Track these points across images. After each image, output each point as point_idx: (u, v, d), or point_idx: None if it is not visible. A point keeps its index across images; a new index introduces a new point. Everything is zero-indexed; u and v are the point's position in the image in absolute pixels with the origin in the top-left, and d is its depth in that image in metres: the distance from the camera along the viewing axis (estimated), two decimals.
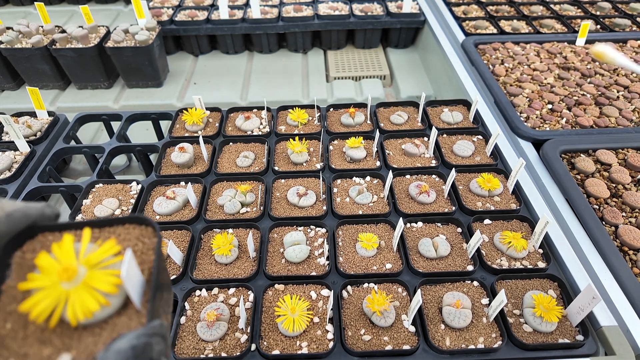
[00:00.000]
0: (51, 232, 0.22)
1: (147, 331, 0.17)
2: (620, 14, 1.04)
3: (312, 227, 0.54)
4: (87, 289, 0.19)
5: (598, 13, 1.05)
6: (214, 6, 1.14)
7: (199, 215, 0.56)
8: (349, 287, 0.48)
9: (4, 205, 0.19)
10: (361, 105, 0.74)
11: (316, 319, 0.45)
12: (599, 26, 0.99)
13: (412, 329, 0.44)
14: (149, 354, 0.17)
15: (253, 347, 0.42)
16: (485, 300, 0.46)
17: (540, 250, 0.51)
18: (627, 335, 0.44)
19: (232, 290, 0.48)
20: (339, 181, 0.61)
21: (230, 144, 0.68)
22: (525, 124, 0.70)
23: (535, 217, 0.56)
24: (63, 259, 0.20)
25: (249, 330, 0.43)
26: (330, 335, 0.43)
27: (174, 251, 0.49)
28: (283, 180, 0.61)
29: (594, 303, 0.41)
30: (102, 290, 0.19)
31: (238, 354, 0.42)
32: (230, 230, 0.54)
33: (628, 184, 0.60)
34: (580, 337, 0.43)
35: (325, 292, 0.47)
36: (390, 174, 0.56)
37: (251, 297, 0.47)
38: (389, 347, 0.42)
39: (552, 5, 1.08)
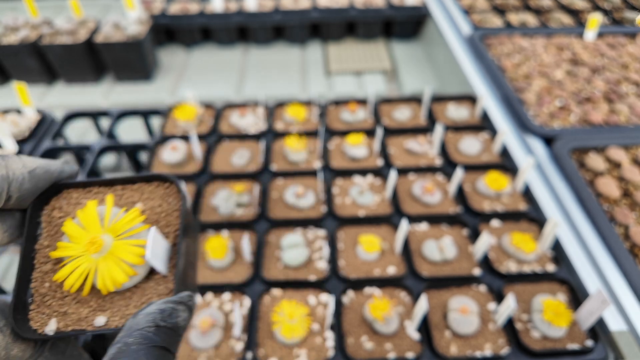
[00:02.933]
0: (75, 189, 0.22)
1: (175, 299, 0.19)
2: (630, 7, 1.02)
3: (311, 228, 0.52)
4: (115, 260, 0.20)
5: (607, 6, 1.02)
6: None
7: None
8: (349, 292, 0.46)
9: (25, 161, 0.20)
10: (362, 101, 0.71)
11: (315, 326, 0.43)
12: (607, 19, 0.96)
13: (417, 336, 0.42)
14: (175, 319, 0.18)
15: (249, 355, 0.41)
16: (492, 305, 0.44)
17: (549, 253, 0.50)
18: (637, 341, 0.42)
19: (227, 296, 0.46)
20: (339, 181, 0.59)
21: (225, 142, 0.66)
22: (534, 120, 0.68)
23: (545, 218, 0.54)
24: (89, 228, 0.20)
25: (245, 338, 0.41)
26: (330, 343, 0.42)
27: None
28: (280, 180, 0.59)
29: (604, 307, 0.39)
30: (128, 262, 0.20)
31: None
32: (225, 233, 0.52)
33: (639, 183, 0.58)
34: (589, 343, 0.42)
35: (324, 297, 0.45)
36: (393, 173, 0.54)
37: (247, 303, 0.45)
38: (392, 355, 0.40)
39: None
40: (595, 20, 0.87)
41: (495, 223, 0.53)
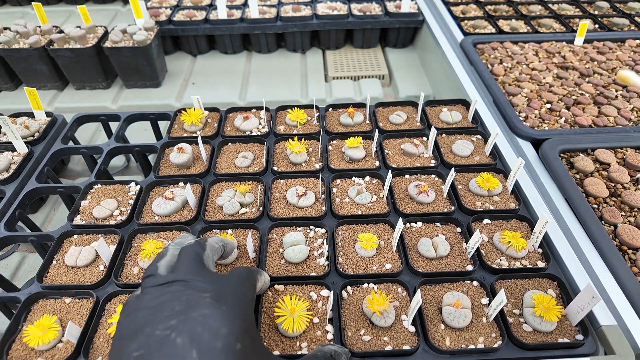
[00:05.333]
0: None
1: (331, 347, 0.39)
2: (619, 13, 1.05)
3: (311, 227, 0.54)
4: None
5: (596, 12, 1.05)
6: (212, 6, 1.13)
7: (197, 216, 0.56)
8: (348, 288, 0.48)
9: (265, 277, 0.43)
10: (360, 105, 0.74)
11: (316, 320, 0.45)
12: (597, 25, 0.99)
13: (412, 329, 0.44)
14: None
15: None
16: (485, 300, 0.46)
17: (540, 250, 0.51)
18: (626, 335, 0.44)
19: None
20: (338, 181, 0.61)
21: (229, 144, 0.68)
22: (524, 123, 0.70)
23: (535, 217, 0.56)
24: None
25: None
26: (330, 336, 0.43)
27: None
28: (282, 181, 0.61)
29: (594, 302, 0.41)
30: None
31: None
32: (230, 231, 0.54)
33: (627, 183, 0.60)
34: (579, 337, 0.43)
35: (325, 292, 0.47)
36: (390, 174, 0.56)
37: None
38: (389, 348, 0.42)
39: (550, 5, 1.08)
40: (584, 26, 0.90)
41: (487, 221, 0.55)
